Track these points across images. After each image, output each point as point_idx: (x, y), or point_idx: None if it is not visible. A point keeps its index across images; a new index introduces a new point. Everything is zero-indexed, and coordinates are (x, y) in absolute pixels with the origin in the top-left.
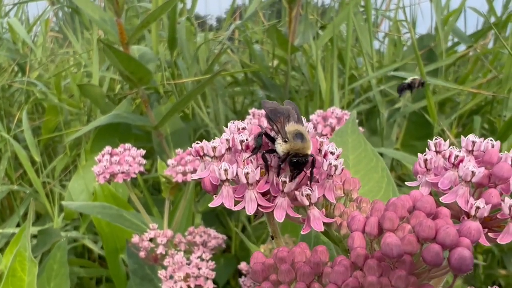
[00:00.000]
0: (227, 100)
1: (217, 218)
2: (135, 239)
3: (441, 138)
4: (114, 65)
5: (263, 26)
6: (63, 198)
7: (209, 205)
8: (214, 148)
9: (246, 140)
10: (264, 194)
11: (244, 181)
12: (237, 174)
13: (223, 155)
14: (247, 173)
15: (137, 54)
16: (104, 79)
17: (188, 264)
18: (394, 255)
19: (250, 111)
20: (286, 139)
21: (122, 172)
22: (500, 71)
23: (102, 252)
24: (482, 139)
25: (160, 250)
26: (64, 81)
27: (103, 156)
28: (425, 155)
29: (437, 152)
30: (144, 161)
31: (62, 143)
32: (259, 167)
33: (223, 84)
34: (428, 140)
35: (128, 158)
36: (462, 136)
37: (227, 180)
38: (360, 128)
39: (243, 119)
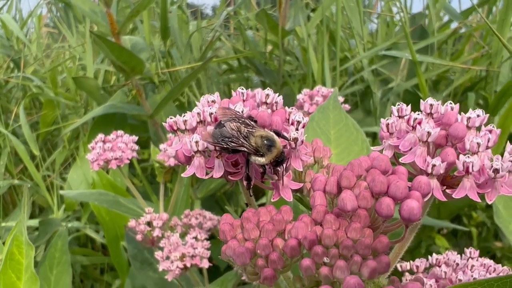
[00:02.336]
0: (223, 87)
1: (217, 203)
2: (132, 223)
3: (404, 104)
4: (106, 55)
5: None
6: (63, 190)
7: (182, 175)
8: (185, 122)
9: (215, 112)
10: (237, 164)
11: (212, 149)
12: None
13: (195, 127)
14: None
15: (129, 44)
16: (99, 72)
17: (184, 245)
18: (348, 209)
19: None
20: (262, 154)
21: (116, 159)
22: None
23: (104, 241)
24: (440, 102)
25: (156, 233)
26: (60, 75)
27: (96, 143)
28: (387, 120)
29: (399, 117)
30: (136, 147)
31: (60, 136)
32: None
33: (218, 72)
34: (392, 106)
35: (121, 144)
36: (421, 100)
37: (198, 151)
38: (346, 106)
39: None
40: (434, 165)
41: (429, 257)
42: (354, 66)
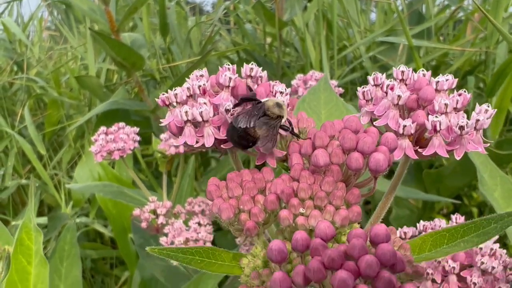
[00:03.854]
0: None
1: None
2: (137, 211)
3: (378, 73)
4: (106, 52)
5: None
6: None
7: (175, 143)
8: (175, 95)
9: (204, 84)
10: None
11: (199, 118)
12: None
13: (185, 100)
14: (201, 112)
15: (128, 41)
16: (101, 71)
17: (187, 230)
18: (321, 164)
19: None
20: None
21: (118, 149)
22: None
23: (112, 234)
24: (411, 69)
25: (160, 220)
26: (64, 77)
27: (98, 135)
28: (363, 88)
29: (375, 85)
30: (138, 138)
31: (66, 135)
32: (212, 106)
33: (219, 66)
34: (368, 76)
35: (123, 135)
36: (393, 68)
37: (188, 121)
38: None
39: None
40: (404, 126)
41: (417, 224)
42: (353, 54)
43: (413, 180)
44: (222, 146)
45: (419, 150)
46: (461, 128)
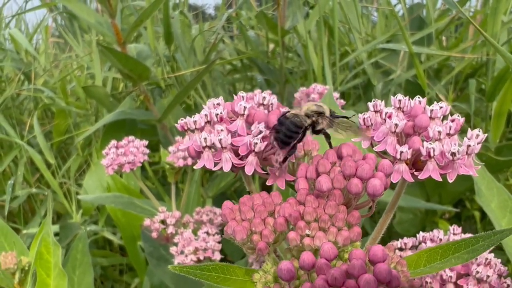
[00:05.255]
0: (229, 87)
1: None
2: (147, 222)
3: (378, 100)
4: (113, 64)
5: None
6: (79, 195)
7: (194, 167)
8: (195, 122)
9: (221, 113)
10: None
11: (219, 145)
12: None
13: (203, 127)
14: (220, 139)
15: (134, 52)
16: (107, 79)
17: (196, 239)
18: (324, 190)
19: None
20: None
21: (129, 162)
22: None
23: (121, 242)
24: (408, 97)
25: (170, 230)
26: (70, 85)
27: (109, 149)
28: (363, 114)
29: (376, 111)
30: (147, 151)
31: (74, 144)
32: (230, 134)
33: (223, 73)
34: (368, 102)
35: (133, 149)
36: (391, 96)
37: (207, 146)
38: (341, 101)
39: None
40: (401, 152)
41: (417, 234)
42: (356, 59)
43: (416, 185)
44: (235, 166)
45: (415, 173)
46: (453, 154)
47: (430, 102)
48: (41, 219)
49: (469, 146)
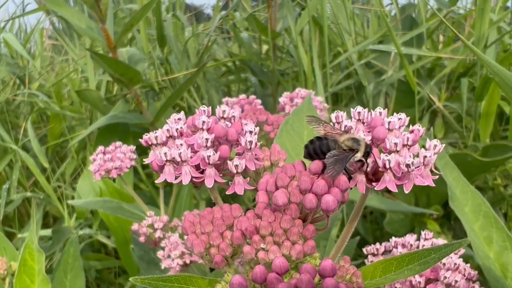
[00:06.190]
0: (224, 89)
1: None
2: (135, 226)
3: (339, 111)
4: (104, 69)
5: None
6: (74, 199)
7: (156, 181)
8: (156, 137)
9: (181, 127)
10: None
11: (178, 159)
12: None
13: (166, 141)
14: (180, 153)
15: (126, 56)
16: (101, 83)
17: (183, 244)
18: (280, 204)
19: (223, 100)
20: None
21: (116, 168)
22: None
23: (115, 245)
24: (366, 110)
25: (157, 234)
26: (66, 88)
27: (97, 155)
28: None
29: (338, 123)
30: (134, 156)
31: (67, 148)
32: (190, 148)
33: (218, 74)
34: (333, 113)
35: (120, 154)
36: (351, 108)
37: (167, 160)
38: (325, 105)
39: None
40: None
41: (390, 239)
42: (348, 60)
43: None
44: (194, 180)
45: (374, 184)
46: (408, 166)
47: (420, 101)
48: (36, 223)
49: (425, 157)
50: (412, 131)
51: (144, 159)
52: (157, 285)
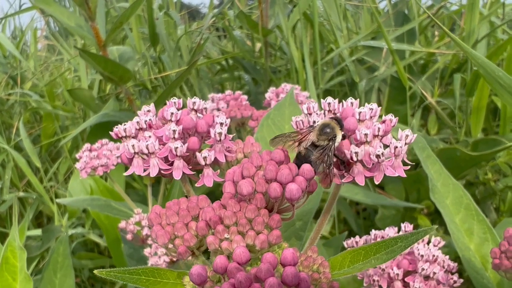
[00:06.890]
0: (218, 86)
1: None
2: (122, 224)
3: (311, 101)
4: (93, 67)
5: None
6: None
7: (124, 174)
8: (125, 129)
9: (150, 119)
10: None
11: (146, 151)
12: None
13: (136, 134)
14: (147, 145)
15: (116, 54)
16: (94, 82)
17: None
18: (244, 194)
19: (209, 96)
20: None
21: (102, 165)
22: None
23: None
24: (336, 100)
25: (145, 231)
26: (59, 87)
27: (83, 152)
28: (296, 117)
29: (309, 114)
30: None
31: (59, 147)
32: (158, 140)
33: (212, 73)
34: (302, 105)
35: (106, 152)
36: (321, 99)
37: (136, 153)
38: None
39: None
40: None
41: (370, 232)
42: (340, 57)
43: (397, 180)
44: (163, 172)
45: (345, 174)
46: (377, 156)
47: (413, 97)
48: (29, 222)
49: (396, 147)
50: (384, 121)
51: None
52: (123, 278)
